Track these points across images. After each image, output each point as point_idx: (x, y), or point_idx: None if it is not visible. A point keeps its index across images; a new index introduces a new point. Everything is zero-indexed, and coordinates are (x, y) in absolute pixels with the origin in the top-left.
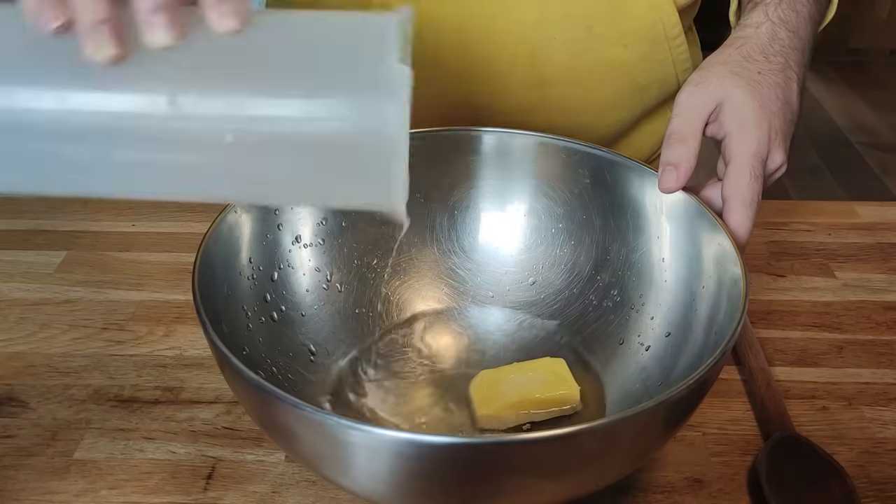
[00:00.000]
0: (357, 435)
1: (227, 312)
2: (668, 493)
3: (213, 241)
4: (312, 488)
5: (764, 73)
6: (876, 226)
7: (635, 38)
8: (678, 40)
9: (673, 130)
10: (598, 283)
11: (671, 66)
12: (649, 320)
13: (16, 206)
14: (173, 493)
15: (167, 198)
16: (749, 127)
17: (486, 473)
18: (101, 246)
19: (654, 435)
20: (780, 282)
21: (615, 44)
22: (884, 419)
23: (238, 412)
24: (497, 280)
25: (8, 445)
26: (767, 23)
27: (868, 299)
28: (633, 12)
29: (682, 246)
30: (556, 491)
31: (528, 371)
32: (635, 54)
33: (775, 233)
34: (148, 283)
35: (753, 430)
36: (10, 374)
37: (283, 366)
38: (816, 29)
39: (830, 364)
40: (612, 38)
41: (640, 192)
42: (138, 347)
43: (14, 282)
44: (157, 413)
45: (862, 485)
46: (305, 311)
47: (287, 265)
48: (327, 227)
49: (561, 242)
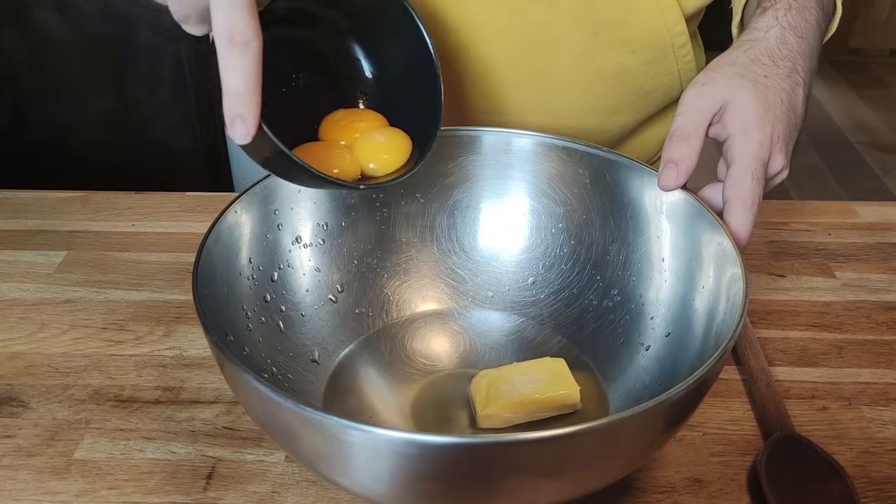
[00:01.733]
0: (357, 435)
1: (227, 312)
2: (668, 493)
3: (213, 241)
4: (312, 488)
5: (770, 77)
6: (876, 226)
7: (641, 45)
8: (684, 49)
9: (676, 128)
10: (598, 283)
11: (676, 74)
12: (649, 320)
13: (16, 206)
14: (173, 493)
15: None
16: (752, 129)
17: (486, 473)
18: (101, 246)
19: (654, 435)
20: (780, 282)
21: (621, 50)
22: (884, 419)
23: (238, 412)
24: (497, 280)
25: (8, 445)
26: (777, 27)
27: (868, 299)
28: (640, 20)
29: (682, 246)
30: (556, 491)
31: (529, 371)
32: (641, 61)
33: (775, 233)
34: (148, 283)
35: (753, 430)
36: (10, 374)
37: (283, 366)
38: (823, 37)
39: (830, 364)
40: (618, 44)
41: (640, 192)
42: (138, 347)
43: (14, 282)
44: (156, 413)
45: (862, 485)
46: (305, 311)
47: (287, 265)
48: (327, 227)
49: (561, 242)
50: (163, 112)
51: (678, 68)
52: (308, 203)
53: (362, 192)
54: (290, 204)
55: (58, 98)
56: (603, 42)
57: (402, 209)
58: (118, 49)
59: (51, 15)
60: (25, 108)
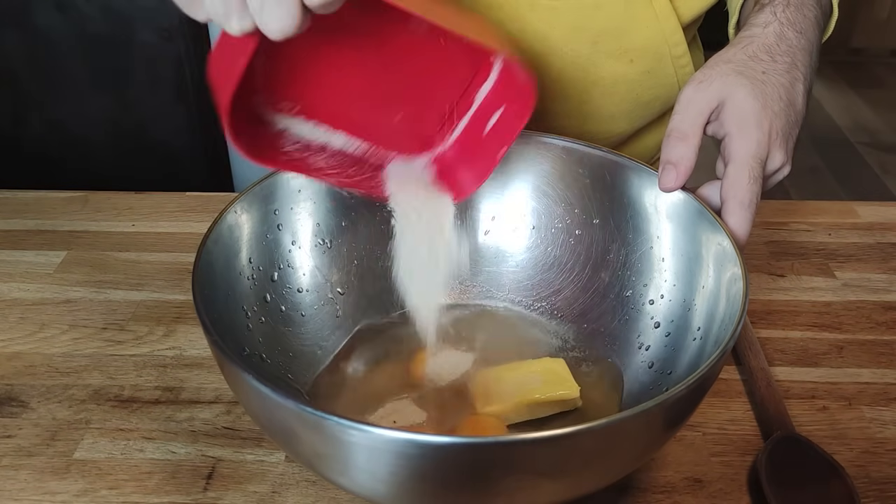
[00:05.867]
0: (357, 435)
1: (227, 312)
2: (668, 493)
3: (213, 241)
4: (312, 488)
5: (768, 73)
6: (876, 226)
7: (639, 54)
8: (683, 59)
9: (673, 127)
10: (598, 283)
11: (675, 84)
12: (649, 320)
13: (16, 206)
14: (173, 493)
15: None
16: (749, 127)
17: (486, 473)
18: (101, 246)
19: (654, 435)
20: (780, 282)
21: (619, 59)
22: (884, 419)
23: (238, 412)
24: (497, 280)
25: (8, 445)
26: (775, 23)
27: (868, 299)
28: (638, 29)
29: (682, 246)
30: (556, 491)
31: (528, 371)
32: (639, 71)
33: (775, 233)
34: (148, 283)
35: (753, 430)
36: (10, 374)
37: (283, 366)
38: (822, 35)
39: (830, 364)
40: (616, 53)
41: (639, 192)
42: (138, 347)
43: (14, 282)
44: (156, 413)
45: (862, 485)
46: (305, 311)
47: (287, 265)
48: (327, 227)
49: (561, 242)
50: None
51: (677, 79)
52: (308, 203)
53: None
54: (290, 204)
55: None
56: (601, 51)
57: None
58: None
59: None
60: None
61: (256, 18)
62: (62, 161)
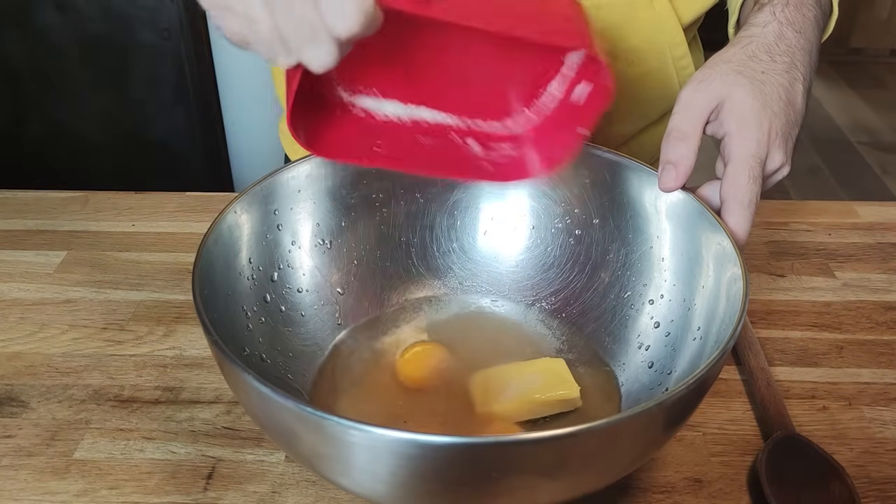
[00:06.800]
0: (357, 435)
1: (227, 312)
2: (668, 493)
3: (213, 241)
4: (312, 488)
5: (768, 73)
6: (876, 226)
7: (640, 55)
8: (684, 61)
9: (673, 127)
10: (598, 283)
11: (675, 84)
12: (649, 320)
13: (16, 206)
14: (173, 493)
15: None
16: (748, 127)
17: (486, 473)
18: (101, 246)
19: (653, 435)
20: (780, 282)
21: (619, 60)
22: (884, 419)
23: (238, 412)
24: (497, 280)
25: (8, 445)
26: (774, 22)
27: (868, 299)
28: (638, 30)
29: (681, 246)
30: (556, 491)
31: (528, 371)
32: (639, 72)
33: (775, 233)
34: (148, 283)
35: (753, 430)
36: (10, 374)
37: (283, 366)
38: (822, 34)
39: (830, 364)
40: (616, 54)
41: (640, 192)
42: (138, 347)
43: (14, 282)
44: (156, 413)
45: (862, 485)
46: (305, 311)
47: (287, 265)
48: (327, 227)
49: (561, 242)
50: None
51: (677, 79)
52: (308, 203)
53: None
54: (290, 204)
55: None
56: (601, 52)
57: (402, 209)
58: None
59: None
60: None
61: (298, 58)
62: (62, 161)
